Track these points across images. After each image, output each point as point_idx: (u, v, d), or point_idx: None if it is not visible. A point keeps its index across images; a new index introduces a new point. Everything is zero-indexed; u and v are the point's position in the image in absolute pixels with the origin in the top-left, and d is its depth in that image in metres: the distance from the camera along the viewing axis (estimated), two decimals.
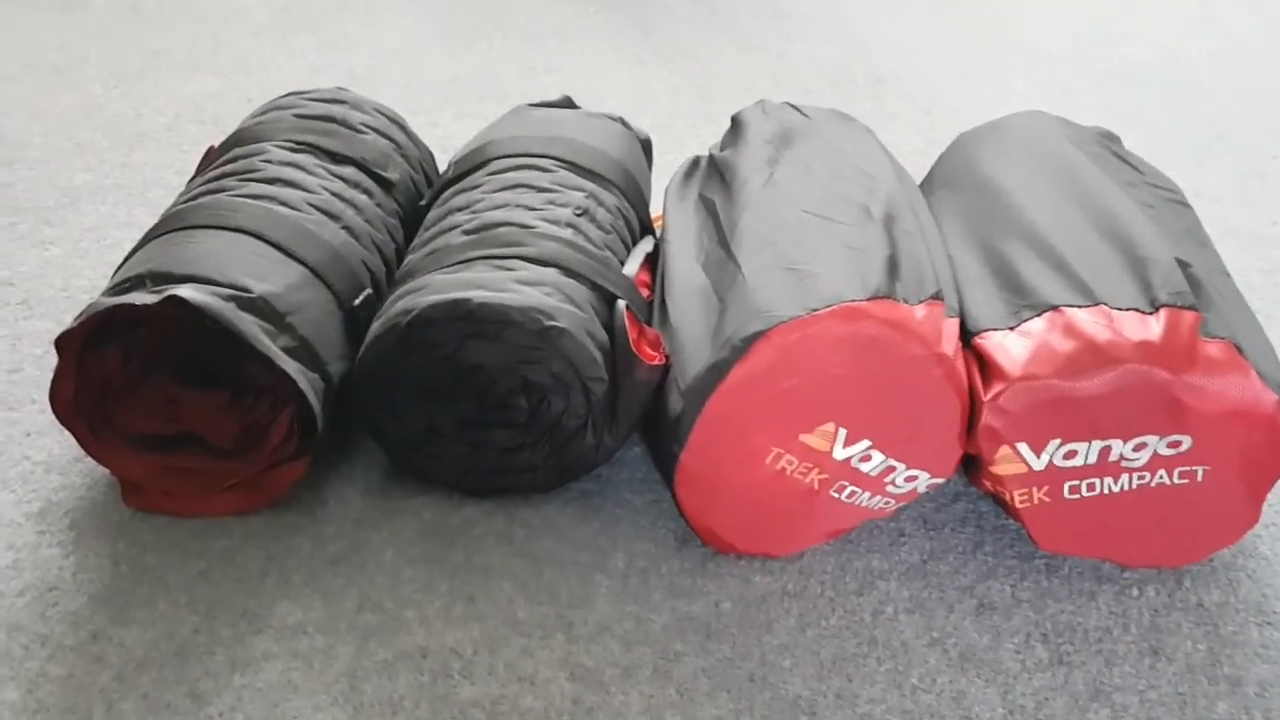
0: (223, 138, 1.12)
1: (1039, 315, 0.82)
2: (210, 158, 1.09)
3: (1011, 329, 0.82)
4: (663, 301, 0.94)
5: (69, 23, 1.89)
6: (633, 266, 0.97)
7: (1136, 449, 0.81)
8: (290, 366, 0.85)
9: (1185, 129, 1.60)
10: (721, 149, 1.08)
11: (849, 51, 1.82)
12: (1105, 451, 0.81)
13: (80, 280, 1.22)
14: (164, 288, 0.84)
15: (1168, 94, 1.70)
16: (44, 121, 1.56)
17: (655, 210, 1.12)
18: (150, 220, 1.14)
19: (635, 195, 1.07)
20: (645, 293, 0.98)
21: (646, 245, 1.02)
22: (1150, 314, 0.80)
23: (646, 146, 1.17)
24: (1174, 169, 1.48)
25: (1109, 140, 1.08)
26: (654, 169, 1.20)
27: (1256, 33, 1.92)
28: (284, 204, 0.96)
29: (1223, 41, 1.88)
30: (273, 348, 0.85)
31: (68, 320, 0.89)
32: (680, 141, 1.50)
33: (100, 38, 1.83)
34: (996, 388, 0.80)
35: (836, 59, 1.79)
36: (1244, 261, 1.29)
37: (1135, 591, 0.87)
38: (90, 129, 1.55)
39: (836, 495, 0.86)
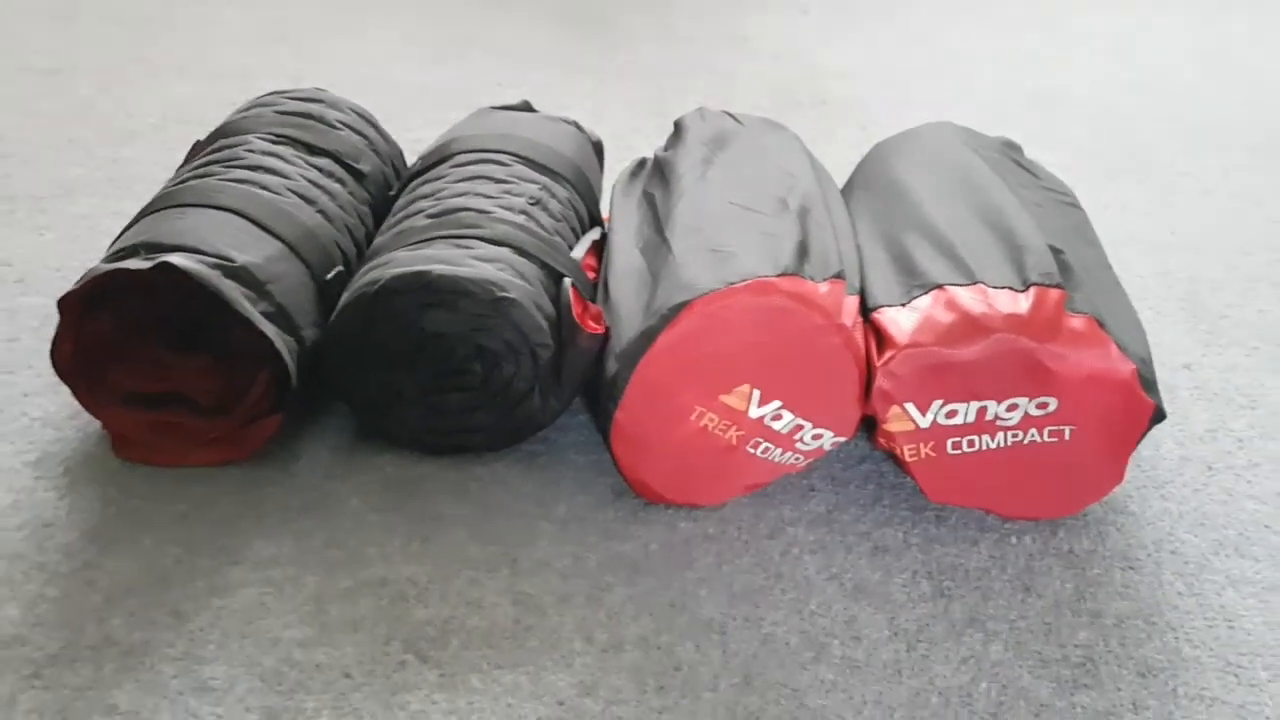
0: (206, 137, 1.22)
1: (926, 293, 0.93)
2: (197, 150, 1.19)
3: (903, 305, 0.94)
4: (605, 282, 1.05)
5: (59, 30, 1.99)
6: (580, 251, 1.08)
7: (1009, 409, 0.93)
8: (269, 329, 0.96)
9: (1102, 147, 1.73)
10: (664, 150, 1.20)
11: (797, 74, 1.95)
12: (982, 411, 0.93)
13: (73, 262, 1.31)
14: (156, 255, 0.95)
15: (1088, 115, 1.83)
16: (37, 120, 1.66)
17: (606, 207, 1.24)
18: (137, 211, 1.24)
19: (585, 190, 1.19)
20: (591, 275, 1.09)
21: (594, 234, 1.13)
22: (1021, 291, 0.92)
23: (598, 148, 1.29)
24: (1089, 182, 1.63)
25: (1010, 149, 1.20)
26: (608, 175, 1.32)
27: (1172, 63, 2.06)
28: (265, 188, 1.06)
29: (1140, 70, 2.02)
30: (253, 311, 0.95)
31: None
32: (634, 151, 1.59)
33: (89, 44, 1.94)
34: (887, 354, 0.92)
35: (784, 80, 1.92)
36: (1143, 265, 1.42)
37: (1014, 539, 0.99)
38: (81, 128, 1.65)
39: (753, 451, 0.97)
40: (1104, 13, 2.31)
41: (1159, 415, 0.94)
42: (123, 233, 1.04)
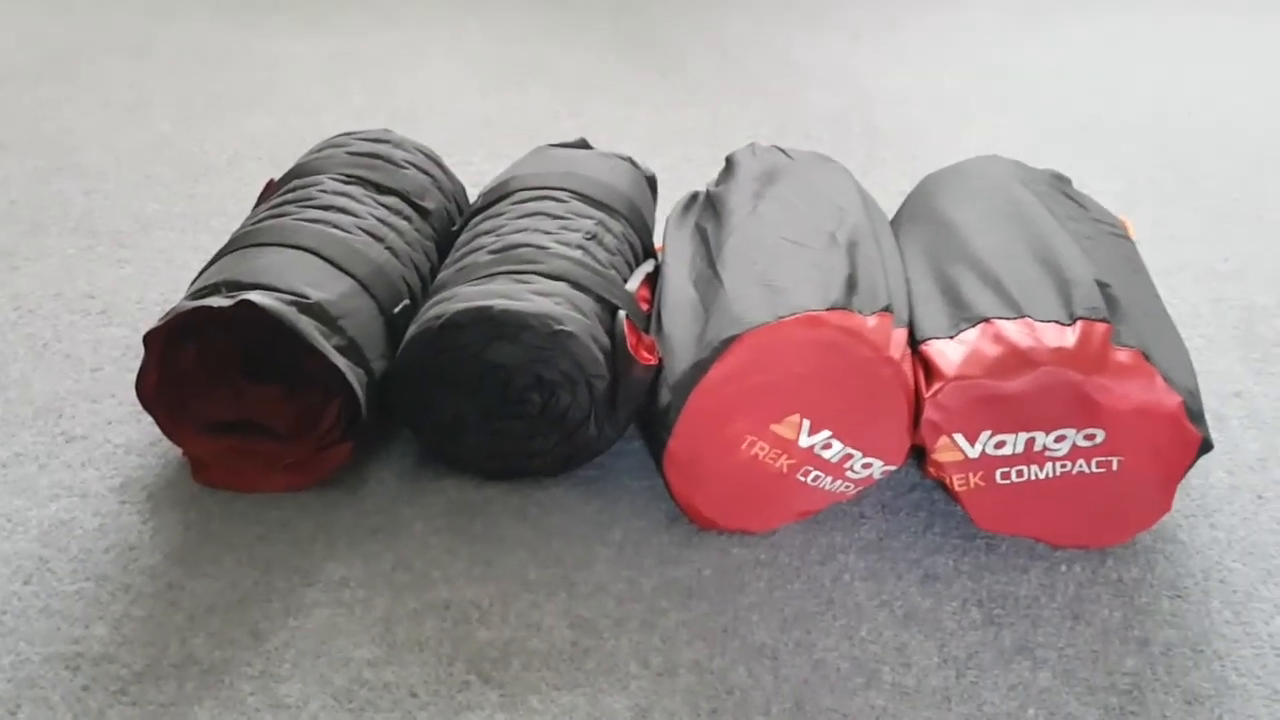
0: (278, 173, 1.28)
1: (974, 326, 0.96)
2: (271, 188, 1.25)
3: (951, 337, 0.96)
4: (658, 313, 1.09)
5: (138, 66, 2.08)
6: (634, 283, 1.12)
7: (1057, 440, 0.95)
8: (341, 362, 1.01)
9: (1158, 174, 1.74)
10: (716, 185, 1.23)
11: (850, 101, 1.98)
12: (1030, 442, 0.95)
13: (152, 294, 1.39)
14: (237, 293, 1.00)
15: (1144, 143, 1.84)
16: (117, 155, 1.74)
17: (660, 239, 1.27)
18: (213, 245, 1.30)
19: (639, 224, 1.23)
20: (645, 306, 1.12)
21: (647, 266, 1.17)
22: (1068, 325, 0.94)
23: (652, 182, 1.33)
24: (1142, 208, 1.64)
25: (1059, 181, 1.22)
26: (662, 204, 1.36)
27: (1227, 89, 2.05)
28: (337, 227, 1.12)
29: (1195, 96, 2.02)
30: (326, 345, 1.00)
31: (142, 328, 1.04)
32: (689, 182, 1.63)
33: (166, 80, 2.02)
34: (936, 386, 0.94)
35: (838, 108, 1.95)
36: (1195, 293, 1.42)
37: (1063, 567, 1.00)
38: (159, 163, 1.72)
39: (803, 479, 1.00)
40: (1159, 38, 2.31)
41: (1206, 446, 0.96)
42: (204, 270, 1.10)
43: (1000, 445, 0.95)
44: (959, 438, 0.95)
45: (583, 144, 1.33)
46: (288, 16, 2.33)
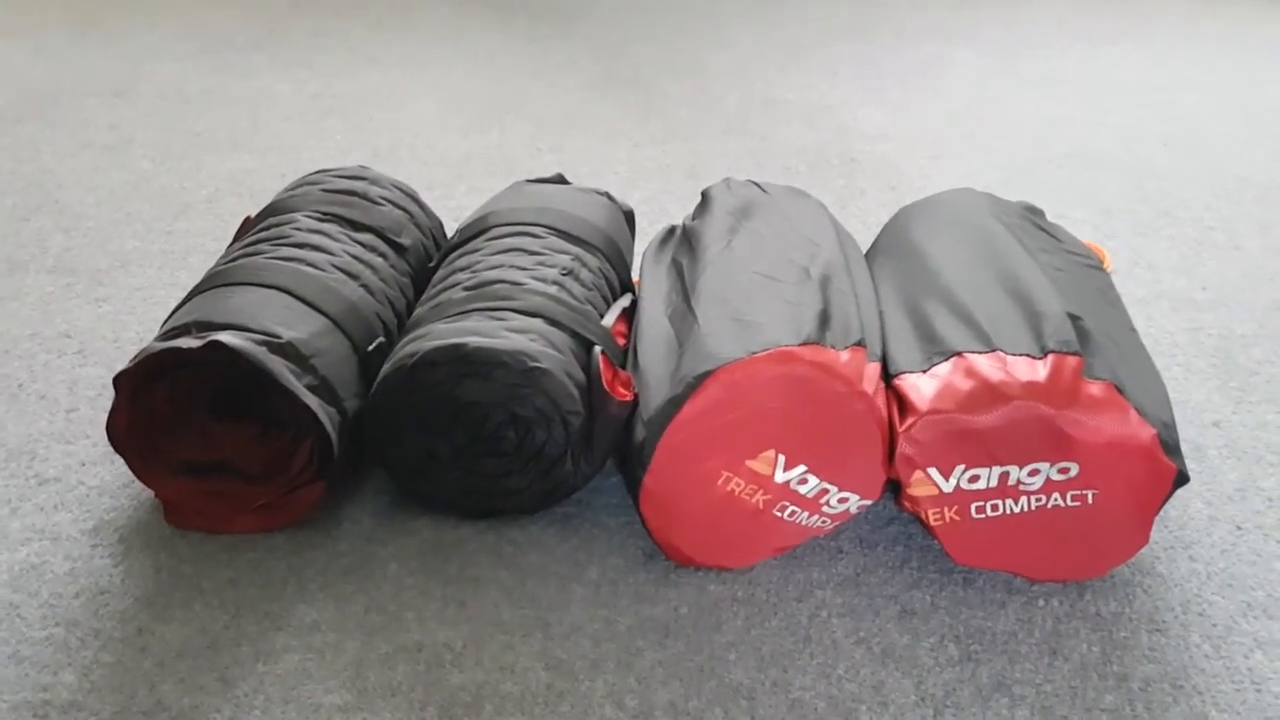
0: (258, 209, 1.28)
1: (946, 360, 0.96)
2: (247, 226, 1.25)
3: (924, 372, 0.96)
4: (635, 349, 1.09)
5: (120, 106, 2.09)
6: (610, 318, 1.12)
7: (1031, 474, 0.94)
8: (312, 401, 1.00)
9: (1134, 205, 1.75)
10: (692, 219, 1.23)
11: (828, 135, 1.99)
12: (1004, 476, 0.94)
13: (129, 333, 1.38)
14: (207, 334, 1.00)
15: (1121, 174, 1.85)
16: (98, 194, 1.74)
17: (638, 274, 1.27)
18: (191, 282, 1.30)
19: (616, 259, 1.23)
20: (622, 341, 1.12)
21: (624, 301, 1.17)
22: (1039, 359, 0.94)
23: (629, 217, 1.33)
24: (1119, 239, 1.64)
25: (1032, 213, 1.22)
26: (643, 235, 1.36)
27: (1204, 119, 2.07)
28: (311, 265, 1.11)
29: (1176, 126, 2.03)
30: (298, 385, 0.99)
31: (119, 368, 1.03)
32: (669, 215, 1.65)
33: (148, 120, 2.03)
34: (909, 420, 0.94)
35: (816, 142, 1.96)
36: (1173, 322, 1.43)
37: (1041, 602, 0.99)
38: (139, 201, 1.72)
39: (779, 514, 0.99)
40: (1137, 70, 2.33)
41: (1182, 479, 0.95)
42: (176, 310, 1.10)
43: (974, 480, 0.95)
44: (933, 472, 0.95)
45: (559, 179, 1.33)
46: (269, 57, 2.34)
